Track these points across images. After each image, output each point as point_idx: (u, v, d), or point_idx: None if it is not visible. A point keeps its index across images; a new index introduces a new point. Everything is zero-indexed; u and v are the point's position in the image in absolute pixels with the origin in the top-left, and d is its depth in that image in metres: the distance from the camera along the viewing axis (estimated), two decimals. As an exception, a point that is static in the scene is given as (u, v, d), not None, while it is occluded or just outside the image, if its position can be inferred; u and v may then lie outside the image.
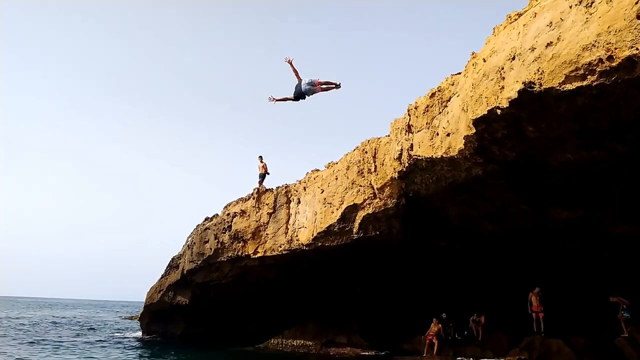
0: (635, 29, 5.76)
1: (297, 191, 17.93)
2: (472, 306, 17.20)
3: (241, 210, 19.48)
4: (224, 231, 19.82)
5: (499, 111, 7.98)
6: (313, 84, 9.38)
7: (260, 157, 20.83)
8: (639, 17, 5.73)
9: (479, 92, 8.40)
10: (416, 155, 11.33)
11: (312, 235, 15.91)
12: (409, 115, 11.98)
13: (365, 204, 14.20)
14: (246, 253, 18.78)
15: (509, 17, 8.35)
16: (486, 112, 8.21)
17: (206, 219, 22.36)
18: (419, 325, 17.50)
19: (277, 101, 9.71)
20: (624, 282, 13.42)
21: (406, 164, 12.00)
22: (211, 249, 20.15)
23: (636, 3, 5.73)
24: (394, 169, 12.87)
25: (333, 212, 15.08)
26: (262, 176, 20.19)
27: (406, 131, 12.02)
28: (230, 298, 21.81)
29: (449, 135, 9.96)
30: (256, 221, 18.82)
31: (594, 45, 6.24)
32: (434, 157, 10.58)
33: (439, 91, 10.74)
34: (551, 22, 6.91)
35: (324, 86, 9.50)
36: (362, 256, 16.37)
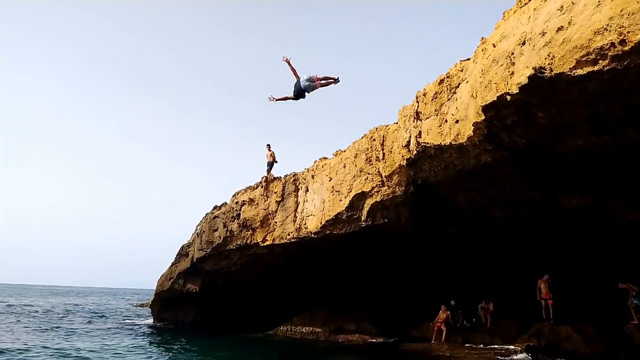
0: (648, 11, 5.66)
1: (305, 179, 17.95)
2: (480, 293, 17.22)
3: (249, 198, 19.55)
4: (232, 219, 19.93)
5: (508, 97, 7.90)
6: (312, 80, 9.42)
7: (268, 145, 20.83)
8: (652, 0, 5.62)
9: (488, 78, 8.32)
10: (424, 142, 11.27)
11: (321, 224, 15.95)
12: (418, 102, 11.91)
13: (373, 191, 14.19)
14: (255, 241, 18.89)
15: (519, 1, 8.23)
16: (495, 98, 8.14)
17: (215, 208, 22.48)
18: (427, 312, 17.56)
19: (277, 100, 9.79)
20: (634, 269, 13.34)
21: (414, 152, 11.95)
22: (220, 237, 20.29)
23: (650, -15, 5.62)
24: (402, 156, 12.82)
25: (341, 200, 15.10)
26: (270, 164, 20.21)
27: (414, 118, 11.96)
28: (239, 286, 21.99)
29: (457, 122, 9.89)
30: (264, 209, 18.89)
31: (605, 29, 6.14)
32: (442, 144, 10.53)
33: (448, 77, 10.65)
34: (562, 6, 6.80)
35: (323, 81, 9.54)
36: (371, 244, 16.40)
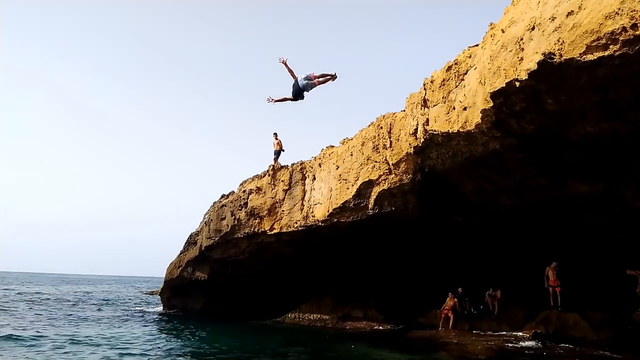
0: (661, -5, 5.56)
1: (312, 167, 17.95)
2: (488, 281, 17.24)
3: (257, 187, 19.61)
4: (240, 208, 20.01)
5: (517, 83, 7.82)
6: (310, 78, 9.45)
7: (275, 133, 20.82)
8: (665, -17, 5.52)
9: (497, 64, 8.23)
10: (432, 130, 11.21)
11: (328, 212, 15.98)
12: (425, 89, 11.82)
13: (380, 179, 14.17)
14: (262, 229, 18.97)
15: (529, -15, 8.11)
16: (504, 85, 8.05)
17: (222, 196, 22.57)
18: (434, 299, 17.63)
19: (276, 102, 9.82)
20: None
21: (422, 139, 11.89)
22: (228, 225, 20.39)
23: (663, -33, 5.51)
24: (409, 144, 12.77)
25: (348, 188, 15.10)
26: (277, 153, 20.22)
27: (422, 106, 11.88)
28: (247, 274, 22.15)
29: (465, 109, 9.82)
30: (272, 198, 18.94)
31: (617, 13, 6.04)
32: (450, 131, 10.46)
33: (456, 64, 10.55)
34: (573, -10, 6.69)
35: (321, 79, 9.56)
36: (378, 232, 16.42)
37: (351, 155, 15.38)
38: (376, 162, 14.26)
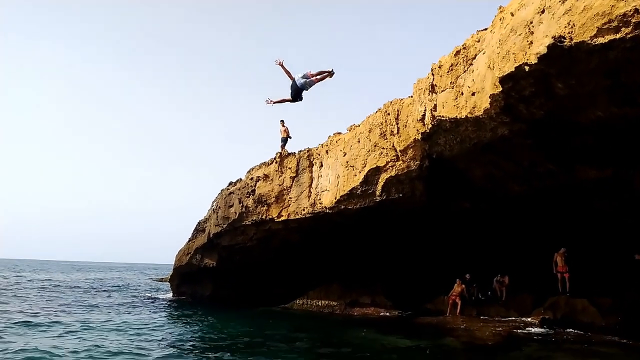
0: (675, -25, 5.44)
1: (319, 154, 17.92)
2: (496, 267, 17.24)
3: (264, 174, 19.63)
4: (247, 195, 20.07)
5: (527, 68, 7.72)
6: (307, 76, 9.48)
7: (282, 121, 20.75)
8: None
9: (506, 48, 8.12)
10: (440, 116, 11.13)
11: (335, 199, 15.99)
12: (433, 75, 11.70)
13: (388, 166, 14.13)
14: (270, 217, 19.04)
15: (539, -33, 7.96)
16: (513, 69, 7.95)
17: (230, 184, 22.64)
18: (442, 285, 17.68)
19: (274, 103, 9.88)
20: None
21: (429, 125, 11.81)
22: (236, 212, 20.48)
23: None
24: (417, 130, 12.69)
25: (356, 175, 15.07)
26: (284, 140, 20.17)
27: (429, 91, 11.78)
28: (255, 261, 22.29)
29: (474, 94, 9.72)
30: (279, 185, 18.97)
31: (629, -5, 5.93)
32: (458, 117, 10.38)
33: (464, 49, 10.42)
34: (584, -28, 6.57)
35: (319, 76, 9.60)
36: (385, 218, 16.42)
37: (358, 141, 15.33)
38: (383, 148, 14.21)
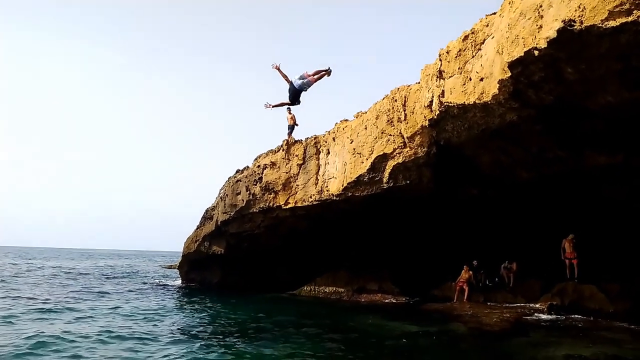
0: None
1: (326, 142, 17.89)
2: (503, 253, 17.22)
3: (271, 162, 19.66)
4: (255, 183, 20.13)
5: (536, 52, 7.61)
6: (304, 77, 9.53)
7: (289, 108, 20.68)
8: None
9: (515, 32, 8.01)
10: (447, 102, 11.03)
11: (342, 186, 15.99)
12: (440, 60, 11.58)
13: (395, 153, 14.08)
14: (277, 204, 19.10)
15: (549, -51, 7.81)
16: (523, 54, 7.84)
17: (237, 171, 22.72)
18: (449, 272, 17.71)
19: (273, 107, 10.18)
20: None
21: (437, 112, 11.72)
22: (243, 200, 20.57)
23: None
24: (424, 117, 12.61)
25: (363, 162, 15.05)
26: (291, 127, 20.14)
27: (437, 77, 11.67)
28: (263, 248, 22.44)
29: (482, 80, 9.62)
30: (286, 172, 19.00)
31: (642, -24, 5.82)
32: (466, 103, 10.29)
33: (472, 33, 10.29)
34: (595, -47, 6.44)
35: (316, 76, 9.66)
36: (393, 205, 16.42)
37: (365, 129, 15.27)
38: (390, 135, 14.15)
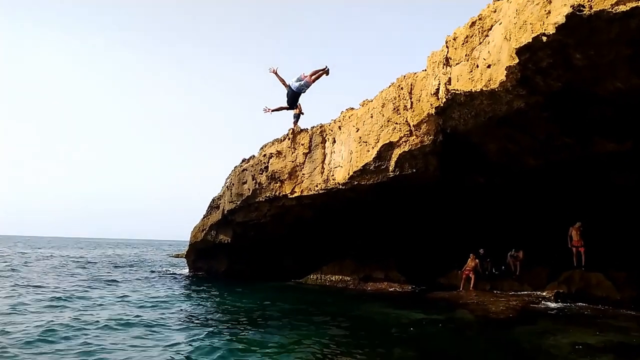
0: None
1: (332, 130, 17.84)
2: (510, 241, 17.19)
3: (277, 151, 19.65)
4: (261, 172, 20.15)
5: (544, 38, 7.52)
6: (301, 79, 9.54)
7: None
8: None
9: (523, 18, 7.91)
10: (454, 89, 10.94)
11: (348, 174, 15.96)
12: (447, 47, 11.46)
13: (401, 141, 14.01)
14: (283, 193, 19.12)
15: None
16: (531, 40, 7.75)
17: (243, 161, 22.73)
18: (455, 260, 17.71)
19: (272, 111, 10.08)
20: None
21: (444, 99, 11.63)
22: (249, 189, 20.61)
23: None
24: (430, 104, 12.52)
25: (369, 151, 15.00)
26: (297, 116, 20.03)
27: (444, 64, 11.56)
28: (269, 236, 22.52)
29: (489, 66, 9.52)
30: (292, 161, 18.98)
31: (653, -41, 5.71)
32: (473, 90, 10.20)
33: (480, 19, 10.16)
34: (606, -64, 6.32)
35: (314, 77, 9.66)
36: (399, 193, 16.39)
37: (371, 117, 15.20)
38: (397, 123, 14.07)
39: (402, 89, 14.03)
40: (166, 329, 10.44)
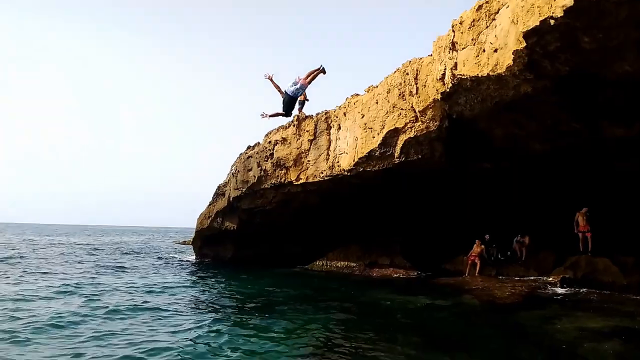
0: None
1: (337, 117, 17.77)
2: (516, 227, 17.16)
3: (282, 137, 19.61)
4: (266, 159, 20.15)
5: (552, 21, 7.41)
6: (296, 82, 9.58)
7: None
8: None
9: (530, 1, 7.77)
10: (460, 74, 10.83)
11: (353, 161, 15.93)
12: (453, 31, 11.32)
13: (406, 127, 13.94)
14: (289, 180, 19.14)
15: None
16: (538, 23, 7.64)
17: (248, 148, 22.73)
18: (461, 246, 17.72)
19: (270, 117, 10.00)
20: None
21: (450, 85, 11.52)
22: (255, 176, 20.64)
23: None
24: (436, 90, 12.42)
25: (374, 137, 14.94)
26: (302, 103, 20.00)
27: (450, 49, 11.43)
28: (275, 223, 22.60)
29: (496, 51, 9.40)
30: (297, 148, 18.96)
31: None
32: (479, 75, 10.09)
33: (487, 3, 10.00)
34: None
35: (309, 78, 9.75)
36: (404, 179, 16.35)
37: (376, 103, 15.11)
38: (402, 109, 13.99)
39: (407, 74, 13.92)
40: (173, 314, 10.55)
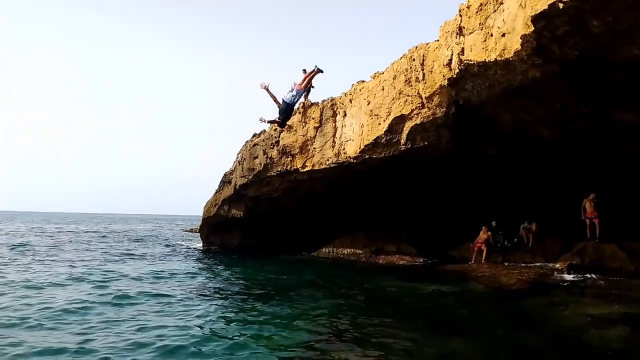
0: None
1: (342, 104, 17.67)
2: (523, 213, 17.08)
3: (288, 125, 19.54)
4: (272, 146, 20.14)
5: (561, 5, 7.28)
6: (292, 89, 9.42)
7: (305, 70, 20.34)
8: None
9: (539, -16, 7.67)
10: (467, 60, 10.71)
11: (360, 148, 15.87)
12: (460, 16, 11.18)
13: (413, 114, 13.85)
14: (295, 167, 19.13)
15: None
16: (547, 7, 7.52)
17: (254, 135, 22.72)
18: (468, 233, 17.68)
19: (268, 122, 10.16)
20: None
21: (456, 70, 11.40)
22: (261, 164, 20.65)
23: None
24: (443, 76, 12.30)
25: (380, 124, 14.86)
26: (307, 90, 19.88)
27: (457, 34, 11.30)
28: (281, 211, 22.65)
29: (504, 35, 9.28)
30: (303, 135, 18.91)
31: None
32: (487, 60, 9.97)
33: (494, -14, 9.88)
34: None
35: (306, 81, 9.68)
36: (410, 166, 16.29)
37: (382, 89, 15.01)
38: (408, 96, 13.88)
39: (414, 60, 13.78)
40: (181, 300, 10.64)
